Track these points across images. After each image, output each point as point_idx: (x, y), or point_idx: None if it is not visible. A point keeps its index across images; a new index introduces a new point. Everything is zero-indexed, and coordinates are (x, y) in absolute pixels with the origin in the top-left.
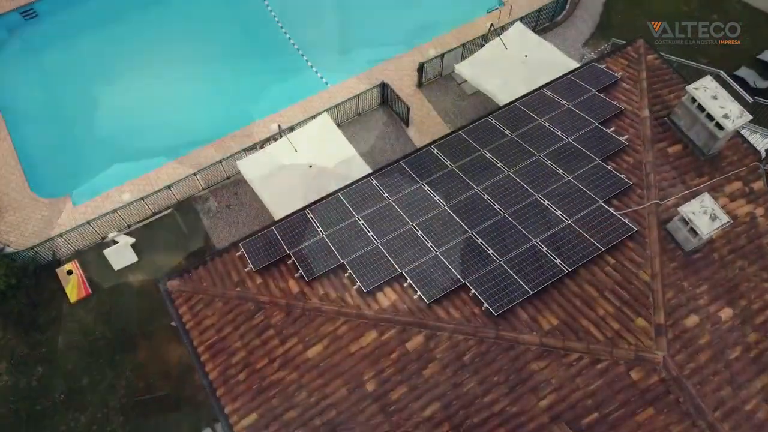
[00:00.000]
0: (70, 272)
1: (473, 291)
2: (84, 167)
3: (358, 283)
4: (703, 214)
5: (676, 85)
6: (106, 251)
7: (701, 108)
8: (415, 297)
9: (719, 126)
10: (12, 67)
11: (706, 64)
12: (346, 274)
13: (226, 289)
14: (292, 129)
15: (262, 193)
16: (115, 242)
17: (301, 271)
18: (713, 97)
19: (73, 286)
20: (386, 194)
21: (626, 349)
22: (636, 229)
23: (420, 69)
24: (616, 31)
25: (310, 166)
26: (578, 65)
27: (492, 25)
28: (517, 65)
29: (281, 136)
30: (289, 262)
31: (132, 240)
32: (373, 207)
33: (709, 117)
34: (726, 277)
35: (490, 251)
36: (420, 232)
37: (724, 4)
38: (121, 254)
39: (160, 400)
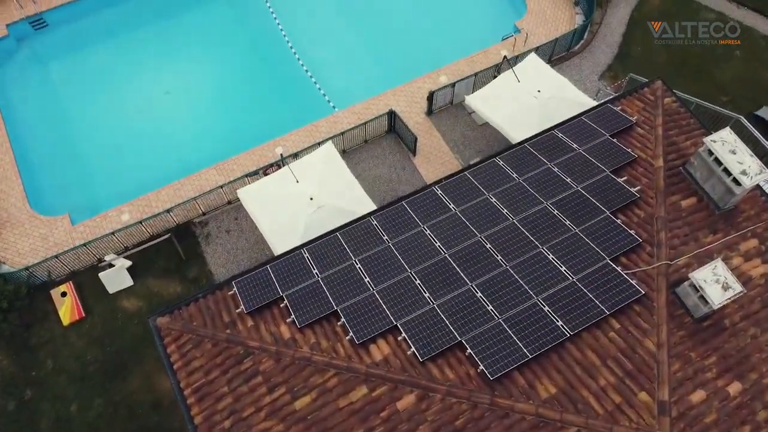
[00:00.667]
0: (64, 294)
1: (469, 350)
2: (85, 185)
3: (351, 334)
4: (716, 283)
5: (693, 132)
6: (101, 274)
7: (718, 162)
8: (408, 353)
9: (736, 182)
10: (19, 79)
11: (726, 102)
12: (339, 323)
13: (217, 330)
14: (296, 155)
15: (262, 224)
16: (111, 265)
17: (293, 316)
18: (731, 152)
19: (67, 308)
20: (386, 236)
21: (627, 426)
22: (643, 292)
23: (430, 97)
24: (635, 63)
25: (311, 199)
26: (593, 102)
27: (505, 56)
28: (530, 100)
29: (284, 164)
30: (282, 305)
31: (128, 263)
32: (372, 250)
33: (727, 172)
34: (737, 346)
35: (490, 307)
36: (418, 281)
37: (749, 40)
38: (116, 277)
39: (148, 429)
